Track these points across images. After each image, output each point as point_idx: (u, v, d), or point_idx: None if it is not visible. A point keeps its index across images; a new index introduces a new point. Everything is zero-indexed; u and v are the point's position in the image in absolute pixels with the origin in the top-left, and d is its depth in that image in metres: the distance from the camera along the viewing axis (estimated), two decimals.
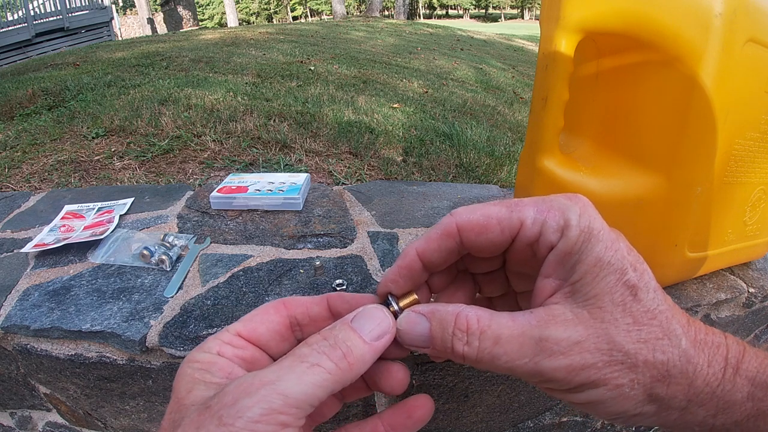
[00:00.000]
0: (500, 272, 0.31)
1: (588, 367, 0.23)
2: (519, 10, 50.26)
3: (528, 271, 0.29)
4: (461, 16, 51.63)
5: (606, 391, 0.24)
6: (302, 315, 0.29)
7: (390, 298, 0.29)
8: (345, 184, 1.64)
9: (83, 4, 8.47)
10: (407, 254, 0.28)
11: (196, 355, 0.26)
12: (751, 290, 0.64)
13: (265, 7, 40.95)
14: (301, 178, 0.82)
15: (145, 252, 0.62)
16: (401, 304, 0.28)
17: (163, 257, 0.61)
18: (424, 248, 0.28)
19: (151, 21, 14.00)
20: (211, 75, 3.04)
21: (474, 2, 51.44)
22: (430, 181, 1.69)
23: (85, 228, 0.70)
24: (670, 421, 0.25)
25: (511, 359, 0.24)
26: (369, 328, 0.25)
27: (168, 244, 0.65)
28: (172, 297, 0.56)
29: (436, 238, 0.27)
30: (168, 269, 0.61)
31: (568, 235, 0.25)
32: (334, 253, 0.65)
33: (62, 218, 0.74)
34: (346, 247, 0.66)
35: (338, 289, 0.56)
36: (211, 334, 0.49)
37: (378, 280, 0.58)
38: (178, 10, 13.00)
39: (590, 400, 0.24)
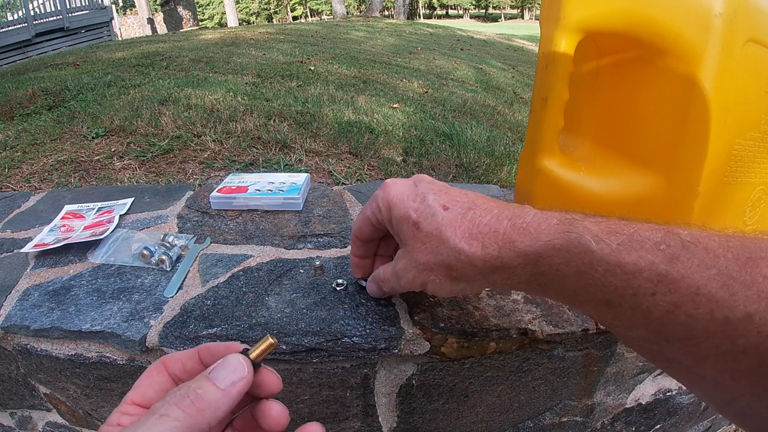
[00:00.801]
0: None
1: (415, 276, 0.39)
2: (519, 10, 50.25)
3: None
4: (461, 16, 51.62)
5: (431, 284, 0.38)
6: (179, 371, 0.31)
7: (243, 352, 0.31)
8: (345, 184, 1.64)
9: (83, 4, 8.47)
10: (353, 235, 0.49)
11: (101, 429, 0.29)
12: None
13: (265, 7, 40.94)
14: (301, 178, 0.82)
15: (145, 252, 0.62)
16: (256, 351, 0.30)
17: (163, 257, 0.61)
18: (356, 230, 0.48)
19: (151, 21, 13.99)
20: (211, 75, 3.04)
21: (474, 2, 51.42)
22: None
23: (85, 228, 0.70)
24: (489, 285, 0.37)
25: (392, 286, 0.45)
26: (223, 375, 0.28)
27: (168, 244, 0.65)
28: (172, 297, 0.56)
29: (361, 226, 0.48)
30: (168, 269, 0.61)
31: (384, 214, 0.42)
32: (334, 253, 0.65)
33: (62, 218, 0.74)
34: (346, 247, 0.66)
35: (338, 288, 0.56)
36: (211, 333, 0.50)
37: None
38: (178, 10, 13.00)
39: (428, 291, 0.40)
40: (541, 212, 0.34)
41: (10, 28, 6.75)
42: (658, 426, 0.76)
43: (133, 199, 0.81)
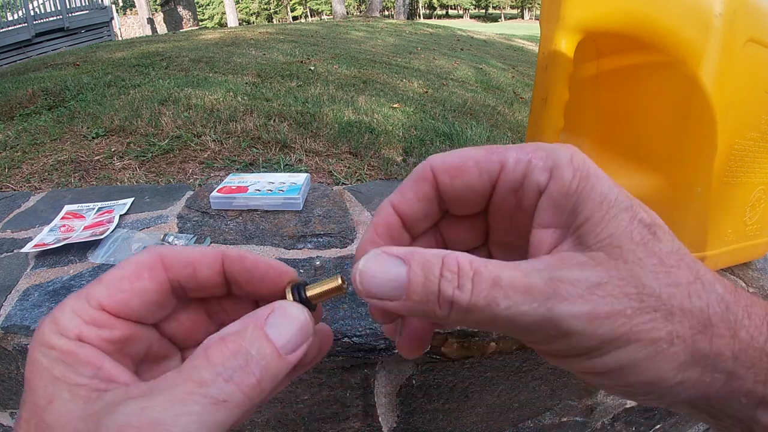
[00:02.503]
0: (483, 249, 0.27)
1: (615, 314, 0.18)
2: (519, 10, 50.27)
3: (515, 228, 0.24)
4: (461, 16, 51.64)
5: (640, 348, 0.18)
6: (187, 279, 0.23)
7: (299, 289, 0.23)
8: (345, 184, 1.64)
9: (83, 4, 8.47)
10: (382, 209, 0.24)
11: (51, 339, 0.20)
12: (751, 290, 0.64)
13: (265, 7, 40.96)
14: (301, 178, 0.82)
15: None
16: (316, 291, 0.23)
17: None
18: (399, 200, 0.24)
19: (151, 21, 14.00)
20: (211, 75, 3.04)
21: (474, 2, 51.44)
22: None
23: (85, 228, 0.70)
24: (713, 391, 0.20)
25: (514, 303, 0.18)
26: (287, 336, 0.20)
27: (168, 244, 0.65)
28: None
29: (410, 186, 0.24)
30: None
31: (561, 174, 0.20)
32: (334, 253, 0.65)
33: (62, 218, 0.74)
34: (346, 247, 0.66)
35: None
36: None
37: None
38: (178, 10, 13.00)
39: (620, 365, 0.19)
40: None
41: (10, 28, 6.76)
42: (658, 426, 0.76)
43: (133, 199, 0.81)
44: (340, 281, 0.23)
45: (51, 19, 7.52)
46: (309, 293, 0.23)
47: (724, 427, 0.21)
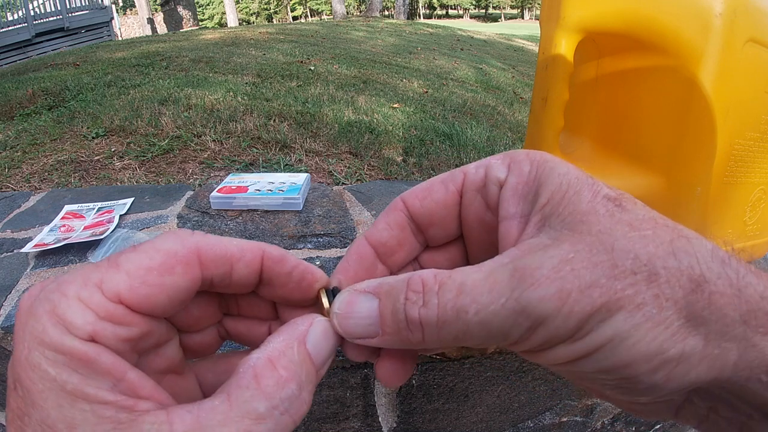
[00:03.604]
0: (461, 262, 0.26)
1: (588, 287, 0.16)
2: (519, 10, 50.28)
3: (489, 246, 0.23)
4: (461, 16, 51.65)
5: (626, 316, 0.16)
6: (222, 277, 0.20)
7: (327, 293, 0.22)
8: (345, 184, 1.64)
9: (83, 4, 8.47)
10: (354, 242, 0.24)
11: (56, 338, 0.16)
12: None
13: (265, 7, 40.96)
14: (301, 178, 0.82)
15: None
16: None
17: None
18: (371, 231, 0.24)
19: (151, 21, 14.00)
20: (211, 75, 3.04)
21: (474, 2, 51.45)
22: None
23: (85, 228, 0.70)
24: (728, 368, 0.17)
25: (483, 306, 0.17)
26: (324, 355, 0.20)
27: None
28: None
29: (382, 217, 0.24)
30: None
31: (518, 167, 0.21)
32: (334, 253, 0.65)
33: (62, 218, 0.74)
34: (346, 247, 0.66)
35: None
36: None
37: None
38: (178, 10, 13.01)
39: (606, 340, 0.17)
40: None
41: (10, 28, 6.76)
42: (658, 426, 0.76)
43: (133, 199, 0.81)
44: None
45: (51, 19, 7.53)
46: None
47: (747, 427, 0.19)
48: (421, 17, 46.42)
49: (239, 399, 0.17)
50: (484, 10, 52.27)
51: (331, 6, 13.65)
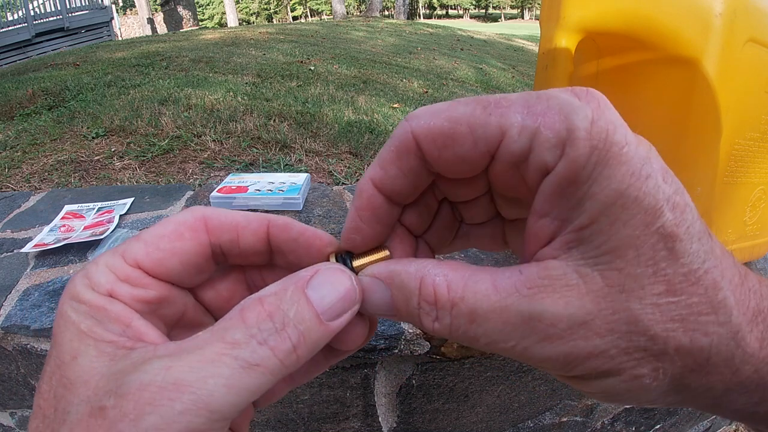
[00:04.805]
0: (485, 196, 0.22)
1: (596, 354, 0.17)
2: (519, 10, 50.27)
3: (520, 196, 0.20)
4: (461, 16, 51.65)
5: (619, 382, 0.17)
6: (230, 244, 0.21)
7: (345, 258, 0.21)
8: (345, 184, 1.64)
9: (83, 4, 8.47)
10: (363, 191, 0.20)
11: (81, 293, 0.19)
12: None
13: (265, 7, 40.96)
14: (301, 178, 0.82)
15: None
16: (364, 261, 0.21)
17: None
18: (382, 177, 0.20)
19: (151, 21, 13.99)
20: (211, 75, 3.04)
21: (474, 2, 51.45)
22: None
23: (85, 228, 0.70)
24: (698, 407, 0.19)
25: (492, 341, 0.18)
26: (330, 301, 0.19)
27: None
28: None
29: (392, 159, 0.19)
30: None
31: (573, 152, 0.16)
32: None
33: (62, 218, 0.74)
34: None
35: None
36: None
37: None
38: (178, 10, 13.01)
39: (600, 390, 0.18)
40: None
41: (10, 28, 6.76)
42: (658, 426, 0.76)
43: (133, 199, 0.81)
44: (388, 252, 0.21)
45: (51, 19, 7.53)
46: (356, 263, 0.21)
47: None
48: (421, 17, 46.42)
49: (220, 328, 0.18)
50: (484, 10, 52.27)
51: (331, 6, 13.65)
